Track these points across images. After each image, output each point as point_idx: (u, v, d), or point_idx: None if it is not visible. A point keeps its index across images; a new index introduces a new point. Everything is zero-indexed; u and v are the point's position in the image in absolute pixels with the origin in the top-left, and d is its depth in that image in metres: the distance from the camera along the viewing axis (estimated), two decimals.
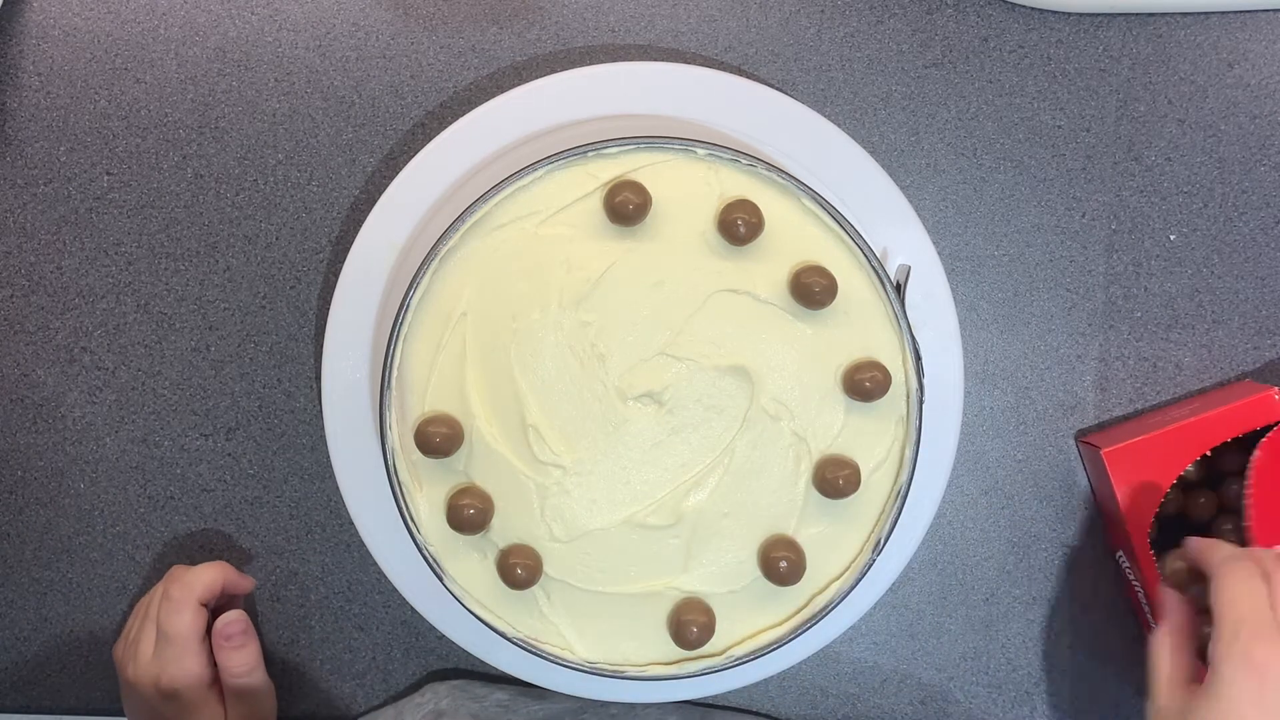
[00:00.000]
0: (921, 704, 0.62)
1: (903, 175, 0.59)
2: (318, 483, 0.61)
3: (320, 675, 0.62)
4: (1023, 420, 0.61)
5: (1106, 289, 0.60)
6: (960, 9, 0.59)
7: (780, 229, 0.51)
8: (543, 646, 0.53)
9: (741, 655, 0.53)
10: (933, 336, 0.55)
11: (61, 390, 0.61)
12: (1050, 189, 0.60)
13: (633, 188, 0.50)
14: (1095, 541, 0.62)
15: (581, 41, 0.59)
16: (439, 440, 0.51)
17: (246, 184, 0.60)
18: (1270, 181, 0.60)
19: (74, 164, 0.60)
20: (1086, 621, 0.62)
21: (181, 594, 0.55)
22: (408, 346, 0.51)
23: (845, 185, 0.55)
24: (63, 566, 0.62)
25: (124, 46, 0.59)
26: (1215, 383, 0.61)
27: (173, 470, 0.61)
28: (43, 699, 0.63)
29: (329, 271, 0.60)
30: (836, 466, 0.51)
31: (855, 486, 0.51)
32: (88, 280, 0.60)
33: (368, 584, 0.62)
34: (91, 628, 0.62)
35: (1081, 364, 0.61)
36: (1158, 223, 0.60)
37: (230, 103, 0.59)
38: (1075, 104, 0.59)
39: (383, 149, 0.59)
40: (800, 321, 0.52)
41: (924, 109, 0.59)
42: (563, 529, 0.52)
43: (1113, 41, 0.59)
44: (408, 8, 0.59)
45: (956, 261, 0.60)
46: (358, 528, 0.57)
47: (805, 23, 0.59)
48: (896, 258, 0.55)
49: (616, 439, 0.52)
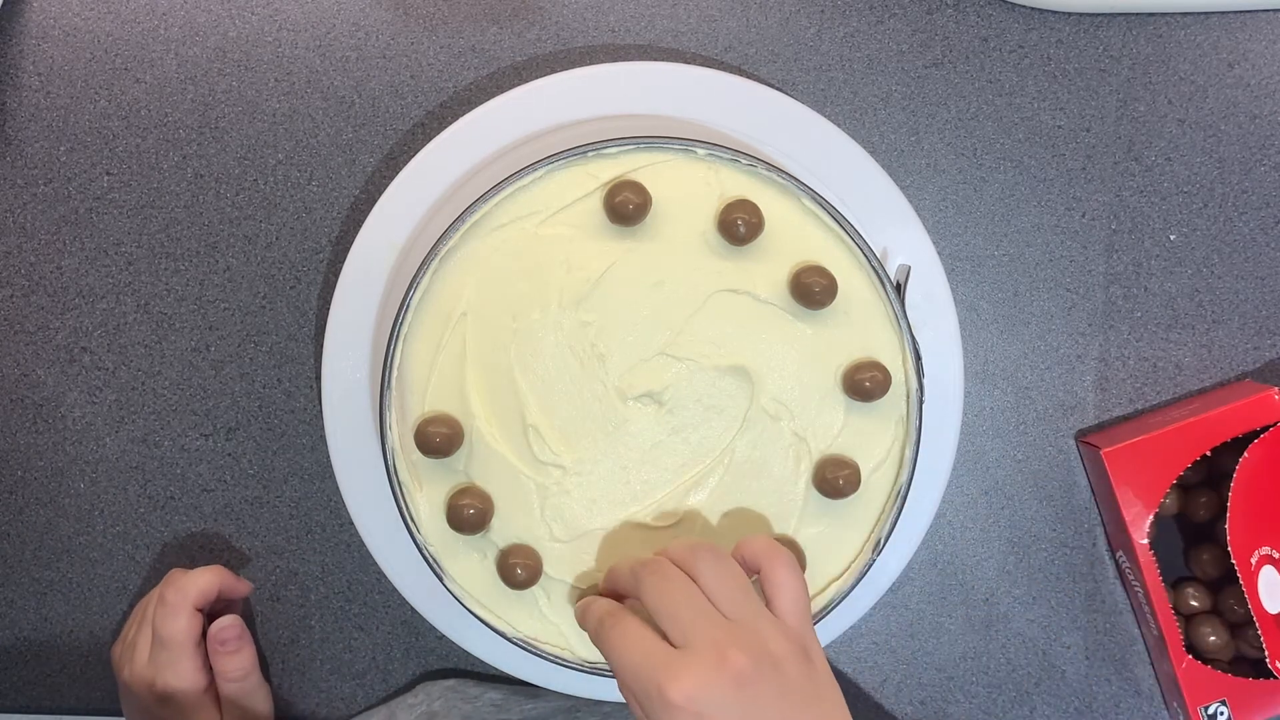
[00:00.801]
0: (921, 704, 0.62)
1: (903, 175, 0.59)
2: (318, 483, 0.61)
3: (320, 675, 0.62)
4: (1023, 420, 0.61)
5: (1106, 289, 0.60)
6: (960, 9, 0.59)
7: (780, 229, 0.51)
8: (543, 646, 0.53)
9: None
10: (933, 336, 0.55)
11: (61, 390, 0.61)
12: (1050, 189, 0.60)
13: (633, 188, 0.50)
14: (1095, 541, 0.62)
15: (581, 41, 0.59)
16: (439, 440, 0.51)
17: (246, 184, 0.60)
18: (1270, 181, 0.60)
19: (74, 164, 0.60)
20: (1086, 621, 0.62)
21: (177, 598, 0.55)
22: (408, 346, 0.51)
23: (845, 185, 0.55)
24: (63, 566, 0.62)
25: (124, 46, 0.59)
26: (1215, 383, 0.61)
27: (173, 470, 0.61)
28: (43, 699, 0.63)
29: (329, 271, 0.60)
30: (836, 466, 0.51)
31: (855, 486, 0.51)
32: (88, 280, 0.60)
33: (368, 584, 0.62)
34: (91, 628, 0.62)
35: (1081, 364, 0.61)
36: (1158, 223, 0.60)
37: (230, 103, 0.59)
38: (1075, 104, 0.59)
39: (383, 149, 0.59)
40: (800, 321, 0.52)
41: (924, 109, 0.59)
42: (563, 529, 0.52)
43: (1113, 41, 0.59)
44: (408, 8, 0.59)
45: (956, 261, 0.60)
46: (358, 528, 0.57)
47: (805, 23, 0.59)
48: (896, 258, 0.55)
49: (616, 439, 0.52)
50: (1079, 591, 0.62)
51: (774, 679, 0.41)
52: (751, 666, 0.41)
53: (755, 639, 0.42)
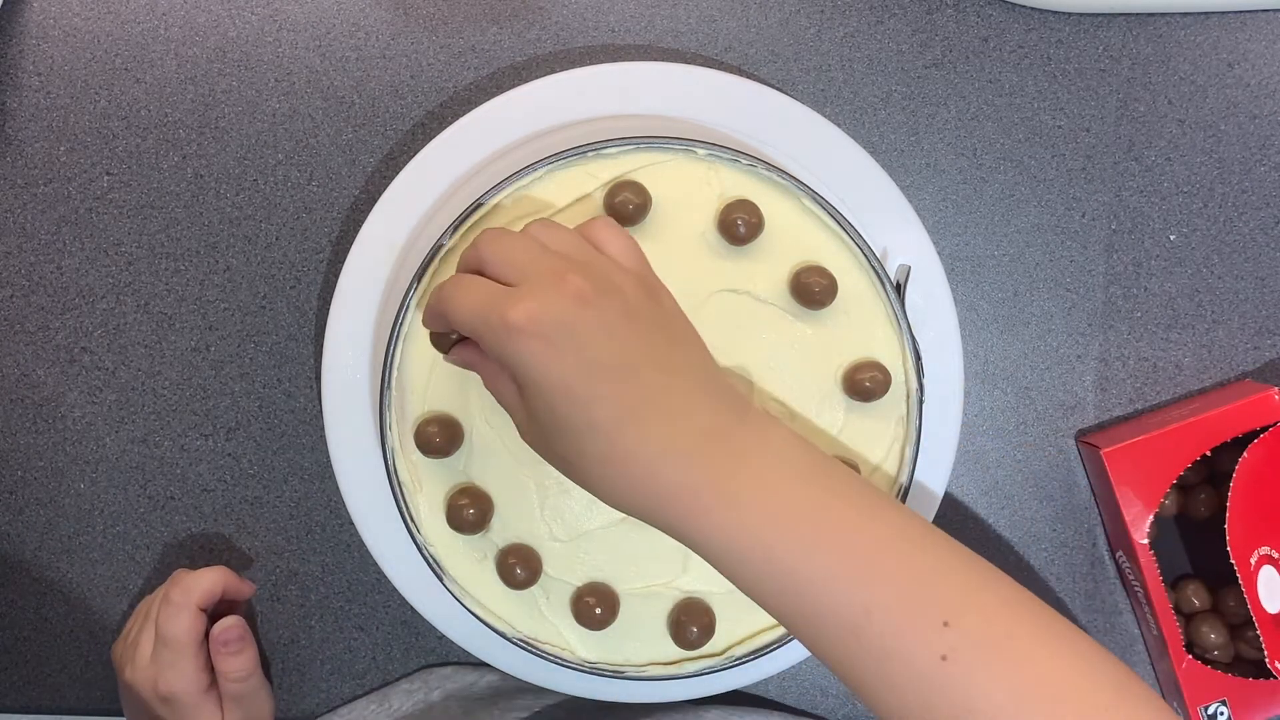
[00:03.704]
0: None
1: (903, 175, 0.59)
2: (318, 483, 0.61)
3: (320, 675, 0.62)
4: (1023, 420, 0.61)
5: (1106, 289, 0.60)
6: (960, 9, 0.59)
7: (780, 229, 0.51)
8: (543, 646, 0.53)
9: (741, 655, 0.53)
10: (933, 336, 0.55)
11: (61, 390, 0.61)
12: (1050, 189, 0.60)
13: (633, 188, 0.50)
14: (1095, 541, 0.62)
15: (581, 41, 0.59)
16: (439, 440, 0.51)
17: (246, 184, 0.60)
18: (1270, 181, 0.60)
19: (74, 164, 0.60)
20: (1086, 621, 0.62)
21: (180, 598, 0.55)
22: (408, 346, 0.51)
23: (845, 185, 0.55)
24: (63, 566, 0.62)
25: (124, 46, 0.59)
26: (1215, 383, 0.61)
27: (173, 470, 0.61)
28: (43, 699, 0.63)
29: (329, 271, 0.60)
30: None
31: None
32: (88, 280, 0.60)
33: (368, 584, 0.62)
34: (91, 628, 0.62)
35: (1081, 364, 0.61)
36: (1158, 223, 0.60)
37: (230, 103, 0.59)
38: (1075, 104, 0.59)
39: (383, 149, 0.59)
40: (800, 321, 0.52)
41: (924, 109, 0.59)
42: (563, 529, 0.52)
43: (1113, 41, 0.59)
44: (408, 8, 0.59)
45: (956, 261, 0.60)
46: (358, 528, 0.57)
47: (805, 23, 0.59)
48: (896, 258, 0.55)
49: None
50: (1079, 591, 0.62)
51: (616, 300, 0.39)
52: (592, 288, 0.39)
53: (593, 269, 0.40)
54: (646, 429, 0.39)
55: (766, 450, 0.40)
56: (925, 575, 0.38)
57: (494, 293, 0.40)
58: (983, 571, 0.39)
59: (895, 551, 0.38)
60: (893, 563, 0.38)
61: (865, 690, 0.38)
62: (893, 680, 0.37)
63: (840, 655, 0.38)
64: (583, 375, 0.38)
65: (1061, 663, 0.36)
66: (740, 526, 0.38)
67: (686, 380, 0.40)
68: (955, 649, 0.36)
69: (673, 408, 0.39)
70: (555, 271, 0.39)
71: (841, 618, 0.37)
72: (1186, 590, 0.60)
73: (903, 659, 0.36)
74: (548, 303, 0.38)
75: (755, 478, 0.39)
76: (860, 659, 0.37)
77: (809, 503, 0.39)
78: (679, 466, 0.39)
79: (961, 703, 0.35)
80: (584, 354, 0.38)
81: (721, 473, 0.39)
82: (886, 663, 0.37)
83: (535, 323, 0.38)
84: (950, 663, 0.36)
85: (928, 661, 0.36)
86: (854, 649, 0.37)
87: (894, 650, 0.37)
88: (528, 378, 0.39)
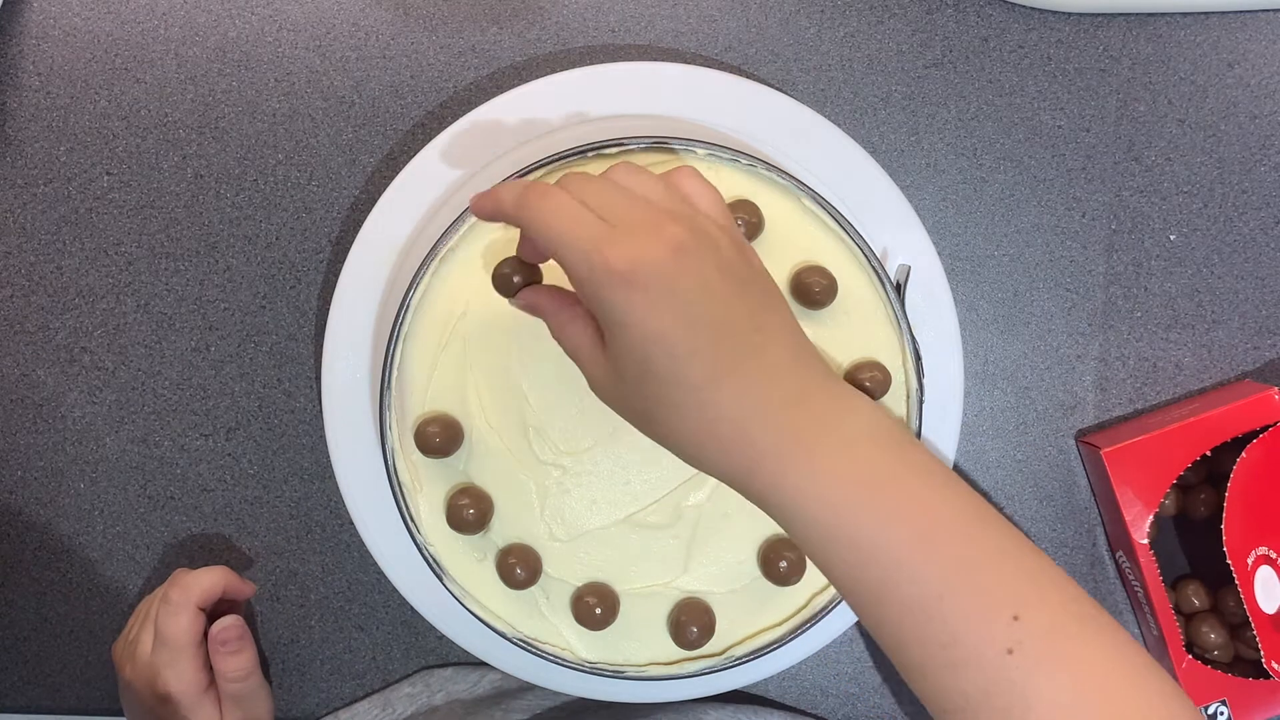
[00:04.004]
0: (922, 704, 0.62)
1: (903, 175, 0.59)
2: (318, 483, 0.61)
3: (320, 675, 0.62)
4: (1023, 420, 0.61)
5: (1106, 289, 0.60)
6: (960, 9, 0.59)
7: (780, 229, 0.51)
8: (543, 646, 0.53)
9: (741, 655, 0.53)
10: (933, 336, 0.55)
11: (61, 390, 0.61)
12: (1050, 189, 0.60)
13: None
14: (1095, 541, 0.62)
15: (581, 41, 0.59)
16: (439, 440, 0.51)
17: (246, 184, 0.60)
18: (1270, 181, 0.60)
19: (74, 164, 0.60)
20: None
21: (180, 598, 0.55)
22: (408, 346, 0.51)
23: (845, 185, 0.55)
24: (63, 566, 0.62)
25: (124, 46, 0.59)
26: (1215, 383, 0.61)
27: (173, 470, 0.61)
28: (43, 699, 0.63)
29: (329, 271, 0.60)
30: None
31: None
32: (88, 280, 0.60)
33: (368, 584, 0.62)
34: (91, 628, 0.62)
35: (1081, 364, 0.61)
36: (1158, 223, 0.60)
37: (230, 103, 0.59)
38: (1075, 104, 0.59)
39: (383, 149, 0.59)
40: (800, 321, 0.51)
41: (924, 109, 0.59)
42: (563, 529, 0.52)
43: (1113, 41, 0.59)
44: (408, 8, 0.59)
45: (956, 261, 0.60)
46: (358, 528, 0.57)
47: (805, 23, 0.59)
48: (896, 258, 0.55)
49: (616, 439, 0.52)
50: None
51: (712, 254, 0.39)
52: (690, 238, 0.38)
53: (689, 220, 0.39)
54: (741, 388, 0.38)
55: (849, 418, 0.39)
56: (995, 560, 0.38)
57: (590, 225, 0.38)
58: (1039, 559, 0.39)
59: (965, 534, 0.38)
60: (964, 545, 0.38)
61: (919, 668, 0.38)
62: (955, 663, 0.37)
63: (902, 634, 0.38)
64: (682, 328, 0.38)
65: (1118, 672, 0.36)
66: (816, 490, 0.38)
67: (777, 342, 0.40)
68: (1021, 644, 0.36)
69: (765, 369, 0.39)
70: (653, 218, 0.39)
71: (910, 596, 0.37)
72: (1186, 590, 0.60)
73: (970, 647, 0.36)
74: (648, 249, 0.37)
75: (837, 444, 0.39)
76: (924, 639, 0.37)
77: (886, 474, 0.38)
78: (767, 427, 0.38)
79: (1020, 697, 0.36)
80: (684, 307, 0.38)
81: (805, 436, 0.38)
82: (953, 648, 0.37)
83: (636, 270, 0.37)
84: (1016, 656, 0.36)
85: (995, 653, 0.36)
86: (920, 628, 0.37)
87: (962, 637, 0.36)
88: (623, 326, 0.38)
